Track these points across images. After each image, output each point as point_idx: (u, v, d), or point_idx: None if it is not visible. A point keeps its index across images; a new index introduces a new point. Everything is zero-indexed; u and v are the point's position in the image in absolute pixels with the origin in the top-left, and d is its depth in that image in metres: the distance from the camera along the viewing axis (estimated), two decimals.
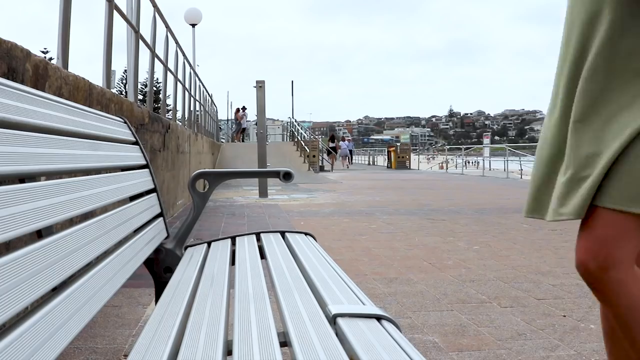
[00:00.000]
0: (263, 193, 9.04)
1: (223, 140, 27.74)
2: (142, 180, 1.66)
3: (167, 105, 8.47)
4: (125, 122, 1.78)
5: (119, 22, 4.34)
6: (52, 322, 0.80)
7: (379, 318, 0.93)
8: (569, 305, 2.61)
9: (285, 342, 0.85)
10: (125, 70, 6.24)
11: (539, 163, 1.21)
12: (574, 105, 1.11)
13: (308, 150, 18.25)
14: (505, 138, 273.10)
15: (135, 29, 4.68)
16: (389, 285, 2.99)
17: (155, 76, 6.38)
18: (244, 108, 26.98)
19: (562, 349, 2.02)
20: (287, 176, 1.80)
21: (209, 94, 14.28)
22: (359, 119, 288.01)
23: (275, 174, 1.83)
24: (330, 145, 25.33)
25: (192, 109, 9.93)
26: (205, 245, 1.76)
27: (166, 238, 1.74)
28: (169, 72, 6.77)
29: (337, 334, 0.86)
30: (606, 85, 1.07)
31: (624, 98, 1.05)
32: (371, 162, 35.79)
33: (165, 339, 0.87)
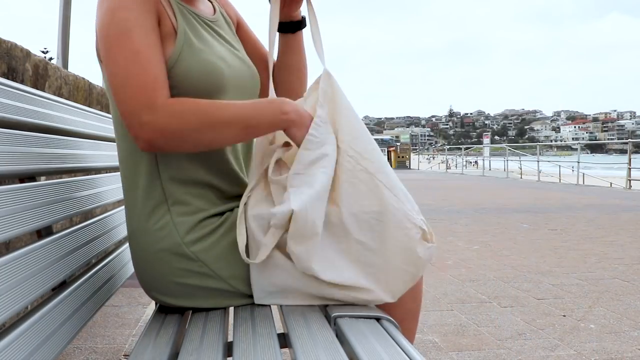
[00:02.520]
0: None
1: None
2: None
3: None
4: None
5: None
6: (52, 322, 0.80)
7: (378, 318, 0.93)
8: (569, 305, 2.61)
9: (285, 343, 0.85)
10: None
11: None
12: None
13: None
14: (505, 138, 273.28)
15: None
16: None
17: None
18: None
19: (562, 349, 2.03)
20: None
21: None
22: None
23: None
24: None
25: None
26: None
27: None
28: None
29: (337, 334, 0.86)
30: None
31: None
32: None
33: (166, 339, 0.87)
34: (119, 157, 1.05)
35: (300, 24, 1.18)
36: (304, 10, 1.17)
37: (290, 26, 1.17)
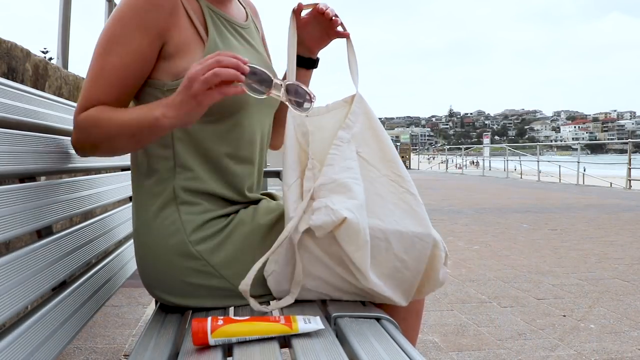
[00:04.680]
0: None
1: None
2: None
3: None
4: None
5: None
6: (52, 322, 0.80)
7: (378, 318, 0.93)
8: (569, 305, 2.61)
9: (285, 343, 0.85)
10: None
11: None
12: None
13: None
14: (505, 138, 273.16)
15: None
16: None
17: None
18: None
19: (562, 349, 2.03)
20: None
21: None
22: None
23: (276, 174, 1.83)
24: None
25: None
26: None
27: None
28: None
29: (337, 334, 0.86)
30: None
31: None
32: None
33: (166, 339, 0.87)
34: (134, 152, 1.05)
35: (314, 62, 1.18)
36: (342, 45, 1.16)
37: (307, 62, 1.17)
